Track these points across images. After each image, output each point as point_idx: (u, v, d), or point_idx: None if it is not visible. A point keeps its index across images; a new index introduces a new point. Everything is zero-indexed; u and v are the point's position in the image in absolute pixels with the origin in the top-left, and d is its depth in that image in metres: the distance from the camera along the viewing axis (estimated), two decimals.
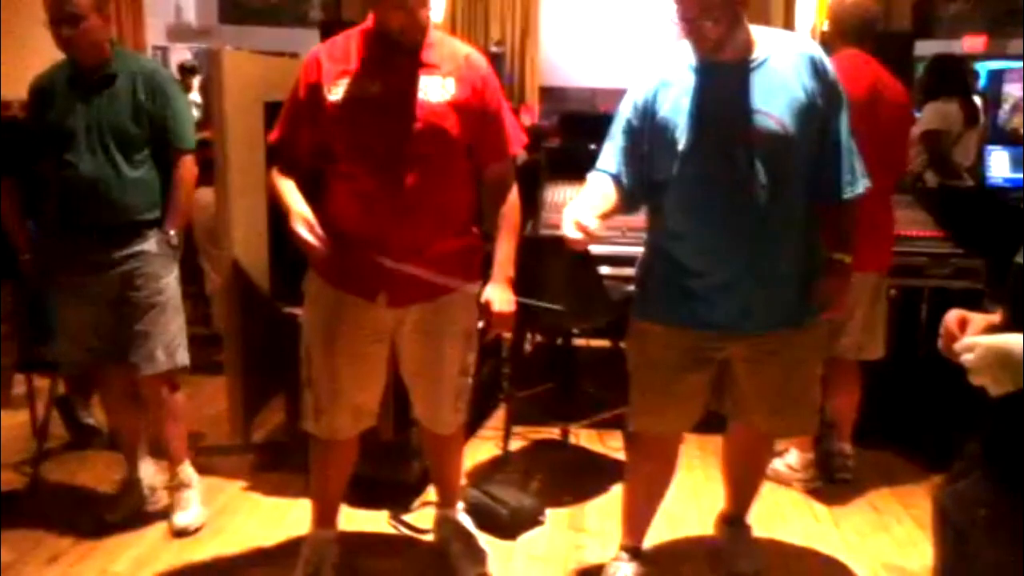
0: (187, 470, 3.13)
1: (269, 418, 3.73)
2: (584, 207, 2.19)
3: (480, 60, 2.44)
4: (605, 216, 2.26)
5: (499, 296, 2.44)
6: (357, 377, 2.52)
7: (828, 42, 3.25)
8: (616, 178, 2.38)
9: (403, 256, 2.35)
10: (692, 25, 2.18)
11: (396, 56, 2.34)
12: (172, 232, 2.97)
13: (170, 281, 2.99)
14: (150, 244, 2.92)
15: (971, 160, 5.01)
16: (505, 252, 2.48)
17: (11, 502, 3.18)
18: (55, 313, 2.99)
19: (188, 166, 3.00)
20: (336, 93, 2.32)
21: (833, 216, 2.39)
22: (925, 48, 6.81)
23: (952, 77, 5.00)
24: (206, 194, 4.31)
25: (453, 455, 2.82)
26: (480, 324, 2.41)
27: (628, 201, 2.39)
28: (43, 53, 2.87)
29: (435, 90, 2.34)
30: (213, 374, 4.17)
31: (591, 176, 2.42)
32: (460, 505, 2.89)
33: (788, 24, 9.96)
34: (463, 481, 3.00)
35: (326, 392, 2.52)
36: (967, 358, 1.56)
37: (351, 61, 2.35)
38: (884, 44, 3.48)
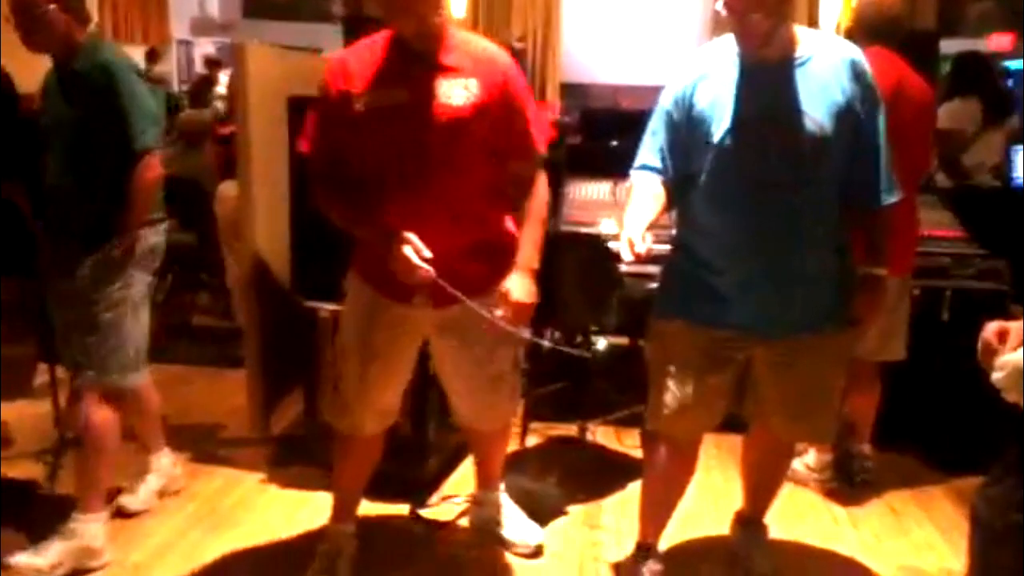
0: (88, 527, 2.73)
1: (287, 411, 3.74)
2: (637, 222, 2.20)
3: (502, 57, 2.43)
4: (658, 220, 2.28)
5: (519, 286, 2.41)
6: (388, 377, 2.54)
7: (852, 40, 3.22)
8: (662, 172, 2.37)
9: (439, 258, 2.32)
10: (741, 18, 2.15)
11: (418, 62, 2.34)
12: (116, 241, 2.68)
13: (110, 293, 2.70)
14: (96, 252, 2.68)
15: (997, 159, 4.93)
16: (530, 243, 2.47)
17: (31, 491, 3.20)
18: None
19: (144, 168, 2.68)
20: (363, 103, 2.33)
21: (867, 225, 2.37)
22: (951, 47, 6.74)
23: (972, 75, 4.93)
24: (229, 187, 4.35)
25: (504, 441, 2.91)
26: (499, 312, 2.38)
27: (676, 196, 2.38)
28: None
29: (458, 93, 2.33)
30: (232, 367, 4.20)
31: (635, 175, 2.41)
32: (501, 486, 2.97)
33: (812, 21, 9.89)
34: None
35: (355, 390, 2.53)
36: (996, 376, 1.55)
37: (375, 69, 2.35)
38: (909, 42, 3.44)
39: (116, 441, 2.80)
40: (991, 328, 1.67)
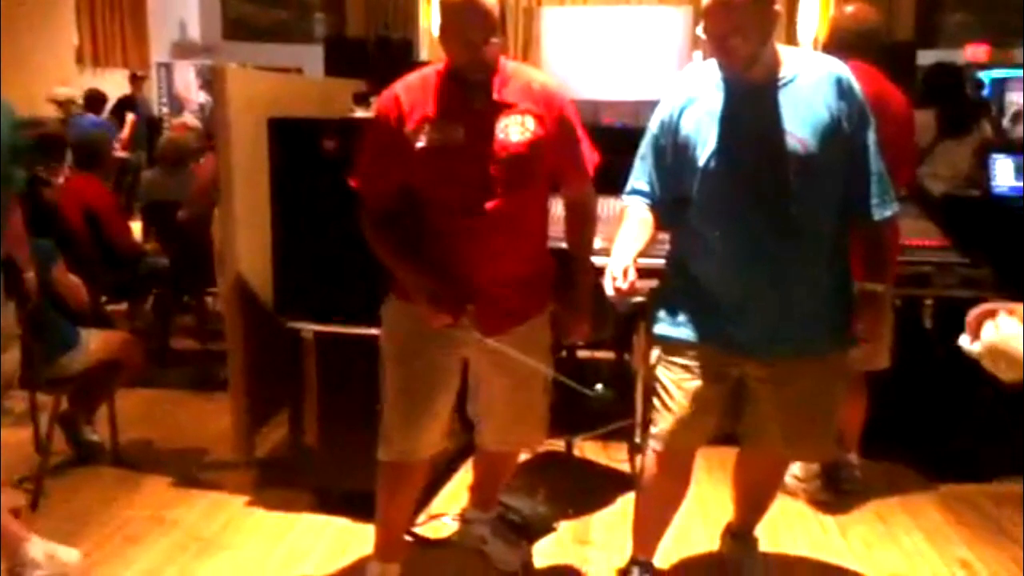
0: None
1: (272, 434, 3.72)
2: (623, 257, 2.24)
3: (555, 90, 2.41)
4: (648, 247, 2.34)
5: (581, 300, 2.51)
6: (436, 399, 2.51)
7: (830, 54, 3.24)
8: (651, 197, 2.40)
9: (487, 287, 2.38)
10: (721, 42, 2.16)
11: (473, 96, 2.32)
12: None
13: None
14: None
15: (964, 169, 4.92)
16: (585, 260, 2.55)
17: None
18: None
19: None
20: (420, 139, 2.30)
21: (866, 241, 2.38)
22: (928, 58, 6.81)
23: (935, 87, 4.96)
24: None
25: (511, 466, 2.92)
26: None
27: (666, 219, 2.41)
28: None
29: (515, 129, 2.32)
30: (214, 390, 4.17)
31: (626, 201, 2.44)
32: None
33: (790, 37, 9.99)
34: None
35: (403, 415, 2.49)
36: (974, 349, 1.60)
37: (430, 104, 2.32)
38: (887, 54, 3.46)
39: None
40: (976, 310, 1.72)
